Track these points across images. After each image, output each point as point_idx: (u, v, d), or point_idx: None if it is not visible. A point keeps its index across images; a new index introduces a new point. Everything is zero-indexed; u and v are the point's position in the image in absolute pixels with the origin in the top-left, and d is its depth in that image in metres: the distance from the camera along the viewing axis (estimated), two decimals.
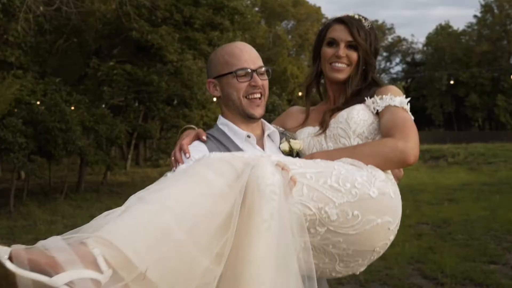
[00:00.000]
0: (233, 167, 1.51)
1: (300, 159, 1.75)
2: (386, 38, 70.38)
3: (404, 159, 1.80)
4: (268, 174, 1.48)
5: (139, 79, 15.08)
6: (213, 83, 2.05)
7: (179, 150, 1.91)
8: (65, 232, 5.82)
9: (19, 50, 14.82)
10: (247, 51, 2.03)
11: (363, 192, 1.68)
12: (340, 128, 2.02)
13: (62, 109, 12.04)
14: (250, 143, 2.02)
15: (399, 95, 2.00)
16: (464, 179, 16.86)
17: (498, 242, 8.24)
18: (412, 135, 1.84)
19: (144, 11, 15.70)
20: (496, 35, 54.77)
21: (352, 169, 1.74)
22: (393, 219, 1.75)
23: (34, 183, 18.20)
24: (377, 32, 2.21)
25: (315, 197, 1.63)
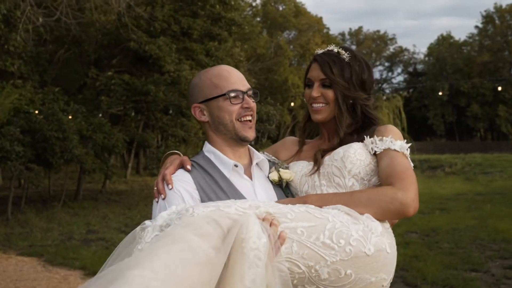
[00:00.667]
0: (218, 225, 1.45)
1: (292, 209, 1.64)
2: (388, 48, 70.73)
3: (403, 211, 1.71)
4: (253, 238, 1.43)
5: (136, 89, 15.30)
6: (200, 108, 1.95)
7: (162, 180, 1.84)
8: (59, 239, 6.24)
9: (19, 60, 15.04)
10: (235, 74, 1.97)
11: (358, 250, 1.61)
12: (335, 166, 1.92)
13: (59, 118, 12.25)
14: (238, 172, 1.94)
15: (399, 138, 1.92)
16: (459, 189, 17.00)
17: (483, 250, 8.39)
18: (413, 186, 1.75)
19: (143, 22, 15.95)
20: (497, 46, 54.95)
21: (348, 222, 1.66)
22: (388, 275, 1.69)
23: (34, 191, 18.40)
24: (368, 62, 2.09)
25: (305, 255, 1.56)
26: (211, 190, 1.84)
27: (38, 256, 9.17)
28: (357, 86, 2.01)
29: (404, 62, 68.70)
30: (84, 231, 11.59)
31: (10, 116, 12.11)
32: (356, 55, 2.04)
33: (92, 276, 7.13)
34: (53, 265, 8.55)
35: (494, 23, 56.55)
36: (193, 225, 1.43)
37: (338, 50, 2.03)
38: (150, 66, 16.63)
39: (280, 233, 1.52)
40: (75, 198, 16.54)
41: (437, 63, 59.38)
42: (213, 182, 1.87)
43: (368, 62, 2.09)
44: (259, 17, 47.64)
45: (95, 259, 8.73)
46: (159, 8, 16.52)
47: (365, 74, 2.03)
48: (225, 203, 1.55)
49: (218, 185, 1.86)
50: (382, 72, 71.04)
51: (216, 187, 1.86)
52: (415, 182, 1.78)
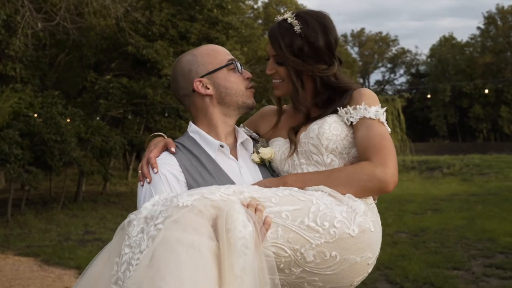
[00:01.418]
0: (205, 216, 1.46)
1: (276, 192, 1.64)
2: (390, 49, 70.87)
3: (383, 188, 1.70)
4: (239, 227, 1.44)
5: (135, 92, 15.56)
6: (202, 82, 1.92)
7: (147, 163, 1.82)
8: (57, 240, 6.59)
9: (20, 64, 15.30)
10: (223, 48, 2.02)
11: (342, 231, 1.61)
12: (311, 144, 1.85)
13: (57, 122, 12.50)
14: (223, 152, 1.92)
15: (374, 103, 1.84)
16: (453, 190, 17.15)
17: (467, 249, 8.56)
18: (391, 158, 1.71)
19: (140, 27, 16.20)
20: (499, 47, 54.98)
21: (331, 204, 1.65)
22: (373, 253, 1.70)
23: (35, 193, 18.68)
24: (326, 23, 1.91)
25: (290, 239, 1.57)
26: (197, 172, 1.84)
27: (35, 256, 9.39)
28: (312, 58, 1.87)
29: (407, 64, 68.84)
30: (82, 232, 11.83)
31: (9, 120, 12.35)
32: (309, 23, 1.87)
33: None
34: (49, 264, 8.77)
35: (496, 24, 56.59)
36: (183, 221, 1.43)
37: (292, 21, 1.88)
38: (149, 70, 16.90)
39: (265, 218, 1.54)
40: (75, 200, 16.79)
41: (440, 64, 59.43)
42: (198, 164, 1.86)
43: (327, 23, 1.91)
44: (261, 19, 47.87)
45: (90, 259, 8.76)
46: (157, 13, 16.78)
47: (320, 41, 1.87)
48: (209, 190, 1.55)
49: (203, 167, 1.86)
50: (384, 73, 71.26)
51: (202, 168, 1.85)
52: (393, 152, 1.74)
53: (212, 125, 1.94)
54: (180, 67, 1.96)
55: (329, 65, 1.90)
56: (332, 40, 1.89)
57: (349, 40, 72.45)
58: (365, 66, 70.74)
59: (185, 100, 1.98)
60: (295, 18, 1.89)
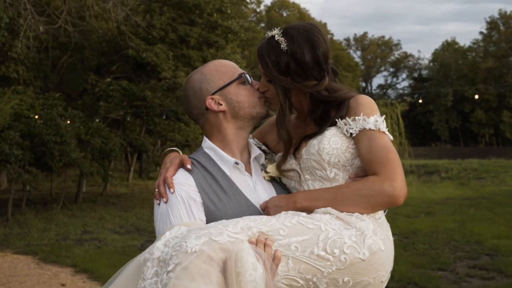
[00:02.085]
0: (213, 261, 1.49)
1: (284, 223, 1.64)
2: (392, 54, 71.09)
3: (392, 202, 1.69)
4: (249, 270, 1.46)
5: (134, 95, 15.81)
6: (214, 99, 1.92)
7: (163, 183, 1.83)
8: (55, 239, 6.91)
9: (22, 66, 15.56)
10: (231, 62, 2.04)
11: (353, 257, 1.62)
12: (313, 160, 1.83)
13: (57, 123, 12.74)
14: (239, 169, 1.92)
15: (372, 112, 1.81)
16: (449, 194, 17.32)
17: (454, 251, 8.75)
18: (397, 172, 1.70)
19: (141, 30, 16.46)
20: (501, 52, 55.03)
21: (340, 228, 1.65)
22: (385, 271, 1.70)
23: (36, 193, 18.95)
24: (313, 38, 1.87)
25: (301, 269, 1.59)
26: (212, 191, 1.84)
27: (33, 254, 9.62)
28: (300, 75, 1.84)
29: (409, 68, 69.00)
30: (80, 231, 12.06)
31: (10, 121, 12.60)
32: (295, 39, 1.84)
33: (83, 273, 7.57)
34: (46, 262, 9.01)
35: (499, 29, 56.69)
36: (191, 269, 1.46)
37: (278, 38, 1.86)
38: (149, 73, 17.17)
39: (275, 252, 1.56)
40: (75, 201, 17.03)
41: (442, 69, 59.51)
42: (214, 182, 1.86)
43: (314, 37, 1.87)
44: (263, 23, 48.13)
45: (86, 258, 9.20)
46: (157, 17, 17.03)
47: (307, 56, 1.83)
48: (216, 229, 1.55)
49: (219, 185, 1.86)
50: (387, 77, 71.49)
51: (217, 187, 1.85)
52: (399, 164, 1.72)
53: (227, 141, 1.94)
54: (191, 86, 1.96)
55: (319, 80, 1.86)
56: (320, 54, 1.85)
57: (351, 44, 72.74)
58: (367, 70, 70.97)
59: (200, 118, 1.98)
60: (282, 35, 1.86)
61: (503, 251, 8.42)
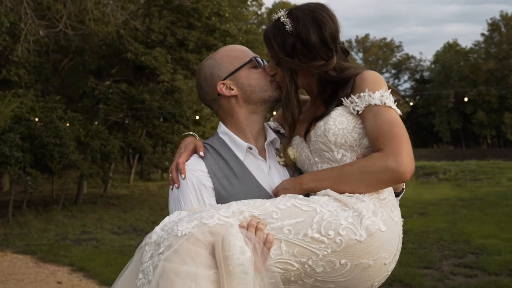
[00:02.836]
0: (203, 243, 1.49)
1: (278, 206, 1.62)
2: (394, 55, 71.26)
3: (398, 178, 1.63)
4: (237, 254, 1.46)
5: (133, 97, 16.06)
6: (225, 85, 1.93)
7: (176, 169, 1.86)
8: (54, 239, 7.29)
9: (23, 69, 15.83)
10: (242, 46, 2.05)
11: (349, 238, 1.57)
12: (320, 142, 1.79)
13: (57, 126, 13.00)
14: (252, 154, 1.92)
15: (378, 87, 1.73)
16: (444, 195, 17.50)
17: (442, 250, 8.95)
18: (403, 146, 1.63)
19: (139, 34, 16.72)
20: (503, 53, 55.14)
21: (337, 210, 1.61)
22: (388, 252, 1.63)
23: (38, 195, 19.22)
24: (319, 17, 1.82)
25: (296, 253, 1.57)
26: (224, 176, 1.85)
27: (32, 254, 9.86)
28: (307, 55, 1.80)
29: (411, 70, 69.15)
30: (79, 232, 12.30)
31: (11, 124, 12.86)
32: (300, 19, 1.81)
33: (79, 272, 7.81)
34: (44, 261, 9.24)
35: (500, 30, 56.79)
36: (181, 251, 1.47)
37: (284, 19, 1.83)
38: (148, 76, 17.44)
39: (266, 236, 1.54)
40: (75, 202, 17.29)
41: (443, 71, 59.60)
42: (226, 167, 1.87)
43: (320, 16, 1.83)
44: (265, 25, 48.39)
45: (84, 257, 9.44)
46: (156, 20, 17.29)
47: (313, 36, 1.79)
48: (209, 212, 1.56)
49: (231, 170, 1.87)
50: (388, 79, 71.57)
51: (230, 172, 1.86)
52: (405, 139, 1.65)
53: (240, 126, 1.94)
54: (203, 73, 1.98)
55: (326, 60, 1.80)
56: (327, 33, 1.79)
57: (353, 46, 72.90)
58: None
59: (213, 105, 1.99)
60: (287, 16, 1.84)
61: (489, 250, 8.62)
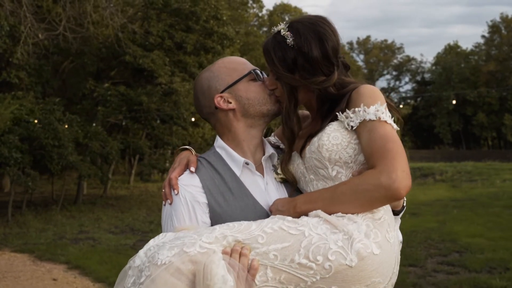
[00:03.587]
0: (182, 274, 1.44)
1: (264, 230, 1.55)
2: (395, 57, 71.51)
3: (391, 196, 1.53)
4: (218, 283, 1.41)
5: (131, 100, 16.34)
6: (223, 98, 1.86)
7: (169, 184, 1.80)
8: (52, 238, 7.72)
9: (23, 72, 16.10)
10: (241, 58, 1.99)
11: (339, 263, 1.48)
12: (314, 158, 1.72)
13: (55, 128, 13.27)
14: (249, 169, 1.86)
15: (373, 101, 1.66)
16: (439, 196, 17.71)
17: (428, 249, 9.17)
18: (397, 162, 1.54)
19: (138, 37, 17.00)
20: (503, 55, 55.34)
21: (326, 233, 1.53)
22: (382, 276, 1.55)
23: (39, 196, 19.52)
24: (321, 30, 1.76)
25: (282, 279, 1.49)
26: (219, 192, 1.79)
27: (30, 252, 10.11)
28: (308, 71, 1.74)
29: (412, 71, 69.39)
30: (76, 231, 12.55)
31: (10, 125, 13.13)
32: (301, 33, 1.75)
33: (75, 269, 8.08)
34: (42, 260, 9.50)
35: (501, 32, 56.99)
36: (158, 281, 1.42)
37: (284, 33, 1.76)
38: (147, 78, 17.72)
39: (251, 262, 1.48)
40: (75, 202, 17.56)
41: (444, 72, 59.84)
42: (222, 183, 1.81)
43: (322, 30, 1.76)
44: (266, 27, 48.64)
45: (80, 255, 9.69)
46: (154, 23, 17.55)
47: (315, 51, 1.73)
48: (190, 239, 1.50)
49: (227, 186, 1.81)
50: (389, 81, 71.86)
51: (225, 187, 1.81)
52: (399, 154, 1.56)
53: (238, 140, 1.88)
54: (200, 85, 1.92)
55: (327, 75, 1.75)
56: (329, 48, 1.74)
57: (354, 47, 73.19)
58: (370, 73, 71.32)
59: (211, 118, 1.93)
60: (288, 29, 1.77)
61: (473, 248, 8.84)
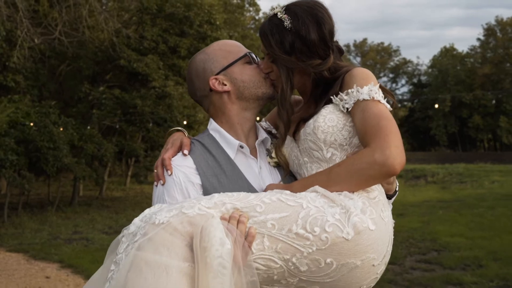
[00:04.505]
0: (180, 234, 1.43)
1: (263, 199, 1.55)
2: (392, 59, 71.93)
3: (386, 172, 1.54)
4: (216, 245, 1.40)
5: (126, 103, 16.66)
6: (218, 79, 1.86)
7: (162, 164, 1.79)
8: (46, 238, 8.17)
9: (19, 75, 16.40)
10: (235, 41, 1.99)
11: (335, 236, 1.49)
12: (309, 140, 1.73)
13: (50, 130, 13.59)
14: (243, 152, 1.87)
15: (365, 82, 1.69)
16: (427, 197, 18.02)
17: (409, 248, 9.48)
18: (390, 138, 1.55)
19: (132, 42, 17.33)
20: (498, 58, 55.70)
21: (324, 206, 1.54)
22: (377, 253, 1.56)
23: (35, 197, 19.80)
24: (319, 14, 1.78)
25: (279, 249, 1.49)
26: (213, 174, 1.79)
27: (24, 252, 10.38)
28: (305, 53, 1.76)
29: (408, 74, 69.78)
30: (71, 232, 12.84)
31: (6, 128, 13.43)
32: (299, 15, 1.76)
33: (68, 268, 8.42)
34: (35, 259, 9.78)
35: (496, 35, 57.36)
36: (156, 240, 1.41)
37: (281, 15, 1.77)
38: (142, 82, 18.05)
39: (248, 229, 1.48)
40: (70, 204, 17.84)
41: (440, 75, 60.19)
42: (215, 165, 1.81)
43: (319, 13, 1.79)
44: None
45: (73, 255, 9.99)
46: (148, 28, 17.87)
47: (312, 34, 1.75)
48: (189, 202, 1.51)
49: (221, 168, 1.81)
50: (386, 83, 72.14)
51: (219, 170, 1.80)
52: (392, 131, 1.57)
53: (231, 123, 1.89)
54: (194, 67, 1.92)
55: (323, 59, 1.78)
56: (326, 31, 1.77)
57: (352, 50, 73.57)
58: None
59: (204, 101, 1.93)
60: (285, 12, 1.78)
61: (452, 247, 9.17)
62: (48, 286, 7.94)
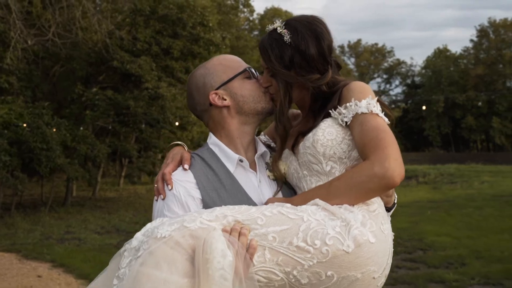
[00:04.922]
0: (182, 248, 1.45)
1: (264, 212, 1.58)
2: (386, 60, 72.25)
3: (386, 185, 1.57)
4: (217, 257, 1.41)
5: (119, 104, 16.79)
6: (218, 94, 1.88)
7: (162, 179, 1.80)
8: (39, 238, 8.34)
9: (13, 76, 16.49)
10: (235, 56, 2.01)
11: (336, 248, 1.52)
12: (309, 154, 1.76)
13: (43, 131, 13.70)
14: (243, 166, 1.88)
15: (363, 96, 1.72)
16: (418, 197, 18.15)
17: (395, 247, 9.58)
18: (389, 151, 1.58)
19: (125, 43, 17.46)
20: (491, 59, 56.06)
21: (324, 219, 1.56)
22: (377, 266, 1.58)
23: (28, 198, 19.88)
24: (318, 29, 1.81)
25: (280, 261, 1.51)
26: (213, 188, 1.80)
27: (17, 252, 10.48)
28: (304, 68, 1.79)
29: (402, 75, 70.09)
30: (63, 232, 12.95)
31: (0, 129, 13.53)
32: (299, 31, 1.79)
33: (59, 267, 8.55)
34: (28, 259, 9.88)
35: (489, 36, 57.73)
36: (157, 254, 1.43)
37: (281, 30, 1.80)
38: (135, 83, 18.17)
39: (250, 242, 1.50)
40: (63, 204, 17.94)
41: (434, 76, 60.50)
42: (215, 179, 1.82)
43: (318, 29, 1.82)
44: (257, 30, 49.12)
45: (65, 254, 10.10)
46: (142, 30, 18.01)
47: (312, 49, 1.78)
48: (191, 216, 1.53)
49: (220, 182, 1.82)
50: (380, 84, 72.54)
51: (219, 184, 1.81)
52: (391, 144, 1.60)
53: (231, 137, 1.90)
54: (194, 82, 1.94)
55: (322, 73, 1.81)
56: (325, 46, 1.80)
57: (346, 51, 73.85)
58: (361, 76, 71.89)
59: (204, 115, 1.95)
60: (284, 27, 1.81)
61: (437, 246, 9.35)
62: (39, 285, 8.06)
